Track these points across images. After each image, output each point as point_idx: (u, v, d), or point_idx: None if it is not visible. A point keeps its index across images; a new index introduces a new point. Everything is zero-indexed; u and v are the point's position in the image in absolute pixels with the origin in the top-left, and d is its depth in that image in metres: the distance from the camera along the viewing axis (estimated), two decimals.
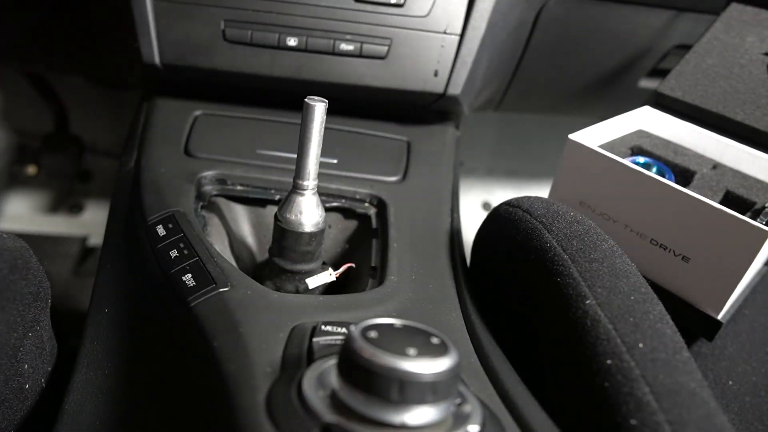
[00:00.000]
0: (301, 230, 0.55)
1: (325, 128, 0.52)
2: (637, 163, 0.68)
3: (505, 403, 0.44)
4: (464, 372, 0.46)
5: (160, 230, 0.58)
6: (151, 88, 0.79)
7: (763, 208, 0.62)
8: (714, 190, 0.65)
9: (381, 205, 0.67)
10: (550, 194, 0.71)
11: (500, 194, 1.65)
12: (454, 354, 0.33)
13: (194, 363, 0.47)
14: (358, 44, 0.72)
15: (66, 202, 1.46)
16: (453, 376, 0.33)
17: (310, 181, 0.54)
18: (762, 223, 0.54)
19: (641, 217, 0.63)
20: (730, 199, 0.65)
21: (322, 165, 0.65)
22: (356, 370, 0.32)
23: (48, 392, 0.53)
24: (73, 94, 1.34)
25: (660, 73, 1.03)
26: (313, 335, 0.44)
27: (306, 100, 0.51)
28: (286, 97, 0.76)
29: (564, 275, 0.50)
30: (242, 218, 0.69)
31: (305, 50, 0.72)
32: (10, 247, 0.50)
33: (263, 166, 0.70)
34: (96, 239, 1.37)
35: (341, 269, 0.59)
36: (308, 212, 0.55)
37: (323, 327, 0.44)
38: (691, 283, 0.61)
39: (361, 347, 0.32)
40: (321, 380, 0.37)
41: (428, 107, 0.79)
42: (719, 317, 0.60)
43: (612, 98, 1.11)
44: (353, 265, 0.61)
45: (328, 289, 0.62)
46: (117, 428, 0.47)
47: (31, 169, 1.45)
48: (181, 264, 0.54)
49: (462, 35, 0.73)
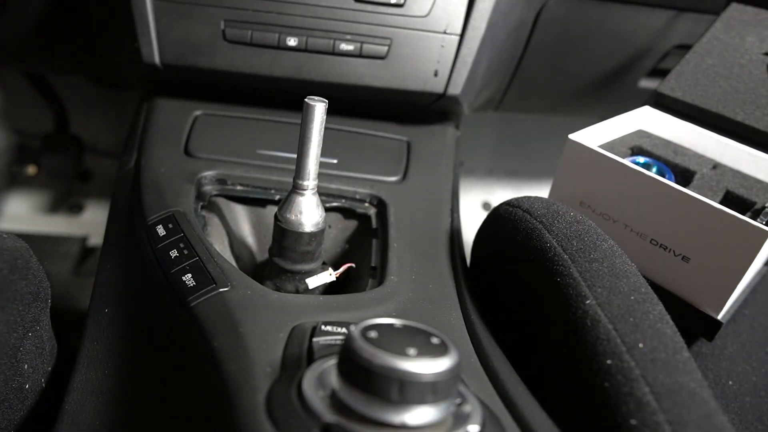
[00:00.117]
0: (301, 230, 0.55)
1: (325, 128, 0.52)
2: (637, 163, 0.68)
3: (505, 403, 0.44)
4: (464, 372, 0.46)
5: (160, 230, 0.58)
6: (151, 88, 0.79)
7: (763, 208, 0.62)
8: (714, 190, 0.65)
9: (381, 205, 0.67)
10: (550, 194, 0.71)
11: (500, 194, 1.65)
12: (454, 354, 0.33)
13: (194, 363, 0.47)
14: (358, 44, 0.72)
15: (66, 202, 1.45)
16: (453, 376, 0.33)
17: (310, 181, 0.54)
18: (762, 223, 0.54)
19: (641, 217, 0.63)
20: (730, 199, 0.65)
21: (322, 165, 0.65)
22: (356, 370, 0.32)
23: (48, 392, 0.53)
24: (73, 94, 1.34)
25: (660, 73, 1.03)
26: (313, 335, 0.44)
27: (306, 100, 0.51)
28: (286, 97, 0.76)
29: (564, 275, 0.50)
30: (242, 218, 0.69)
31: (305, 50, 0.72)
32: (10, 247, 0.50)
33: (263, 166, 0.69)
34: (96, 239, 1.37)
35: (341, 269, 0.59)
36: (308, 212, 0.55)
37: (323, 327, 0.44)
38: (691, 283, 0.61)
39: (361, 347, 0.32)
40: (321, 380, 0.37)
41: (428, 107, 0.79)
42: (719, 317, 0.60)
43: (612, 98, 1.11)
44: (353, 265, 0.61)
45: (328, 289, 0.62)
46: (117, 428, 0.47)
47: (31, 169, 1.45)
48: (181, 264, 0.54)
49: (462, 35, 0.73)
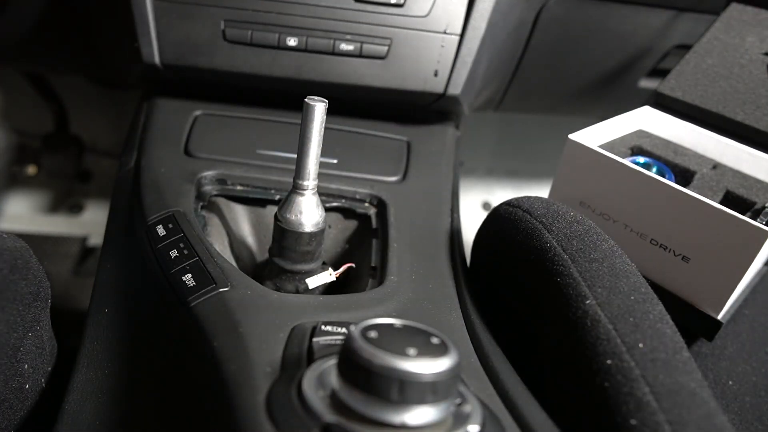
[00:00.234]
0: (301, 230, 0.55)
1: (325, 128, 0.52)
2: (637, 163, 0.68)
3: (505, 403, 0.44)
4: (464, 372, 0.46)
5: (160, 230, 0.58)
6: (151, 88, 0.79)
7: (763, 208, 0.62)
8: (714, 190, 0.65)
9: (381, 205, 0.67)
10: (550, 194, 0.71)
11: (500, 194, 1.65)
12: (454, 354, 0.33)
13: (194, 363, 0.47)
14: (358, 44, 0.72)
15: (66, 202, 1.45)
16: (453, 376, 0.33)
17: (310, 181, 0.54)
18: (762, 223, 0.54)
19: (641, 217, 0.63)
20: (730, 199, 0.65)
21: (322, 165, 0.65)
22: (356, 370, 0.32)
23: (48, 392, 0.53)
24: (73, 94, 1.34)
25: (660, 73, 1.03)
26: (313, 335, 0.44)
27: (306, 100, 0.51)
28: (286, 97, 0.76)
29: (564, 275, 0.50)
30: (242, 218, 0.69)
31: (305, 50, 0.72)
32: (10, 247, 0.50)
33: (263, 166, 0.69)
34: (96, 239, 1.37)
35: (341, 269, 0.59)
36: (308, 212, 0.55)
37: (323, 327, 0.44)
38: (691, 283, 0.61)
39: (361, 347, 0.32)
40: (321, 380, 0.37)
41: (428, 107, 0.79)
42: (719, 317, 0.60)
43: (612, 98, 1.11)
44: (353, 265, 0.61)
45: (328, 289, 0.62)
46: (117, 428, 0.47)
47: (31, 169, 1.45)
48: (181, 264, 0.54)
49: (462, 35, 0.73)
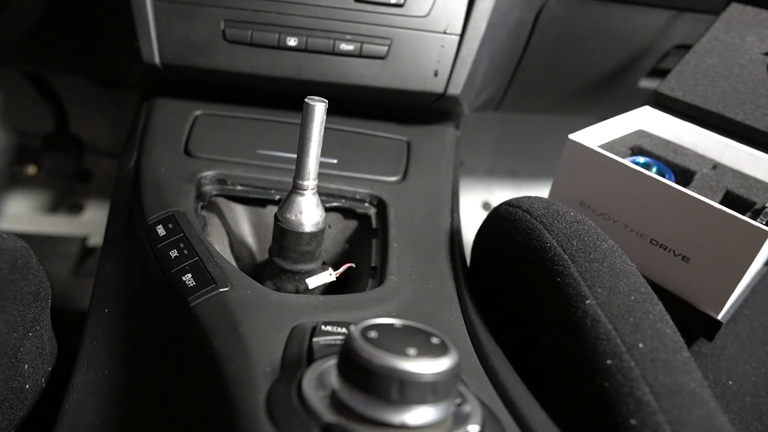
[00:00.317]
0: (301, 230, 0.55)
1: (325, 128, 0.52)
2: (637, 163, 0.68)
3: (505, 403, 0.44)
4: (464, 372, 0.46)
5: (160, 230, 0.58)
6: (151, 88, 0.79)
7: (763, 208, 0.62)
8: (714, 190, 0.65)
9: (381, 205, 0.67)
10: (550, 194, 0.71)
11: (500, 194, 1.65)
12: (454, 354, 0.33)
13: (194, 363, 0.47)
14: (358, 44, 0.72)
15: (66, 202, 1.45)
16: (453, 376, 0.33)
17: (310, 181, 0.54)
18: (762, 223, 0.54)
19: (641, 217, 0.63)
20: (730, 199, 0.65)
21: (322, 165, 0.65)
22: (356, 370, 0.32)
23: (48, 392, 0.53)
24: (73, 94, 1.34)
25: (660, 73, 1.03)
26: (313, 335, 0.44)
27: (306, 100, 0.51)
28: (286, 97, 0.76)
29: (564, 275, 0.50)
30: (242, 218, 0.69)
31: (305, 50, 0.72)
32: (10, 247, 0.50)
33: (263, 166, 0.69)
34: (96, 239, 1.37)
35: (341, 269, 0.59)
36: (308, 212, 0.55)
37: (323, 327, 0.44)
38: (691, 283, 0.61)
39: (361, 347, 0.32)
40: (321, 380, 0.37)
41: (428, 107, 0.79)
42: (719, 317, 0.60)
43: (612, 98, 1.11)
44: (353, 265, 0.61)
45: (328, 289, 0.62)
46: (117, 428, 0.47)
47: (31, 169, 1.45)
48: (181, 264, 0.54)
49: (462, 35, 0.73)
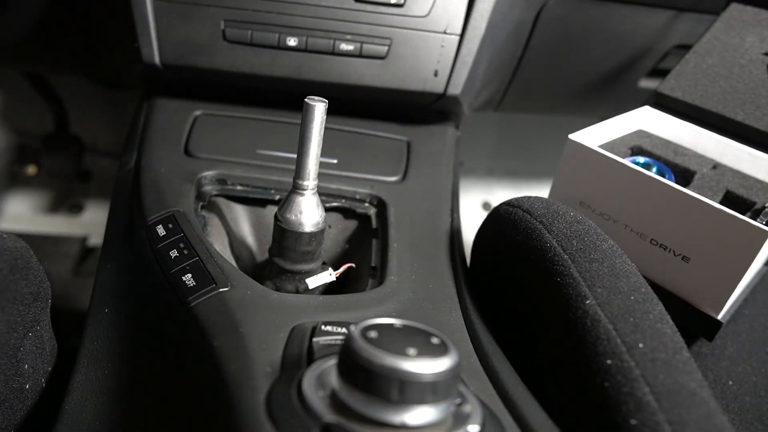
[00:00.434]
0: (301, 230, 0.55)
1: (325, 128, 0.52)
2: (637, 163, 0.68)
3: (505, 403, 0.44)
4: (464, 372, 0.46)
5: (160, 230, 0.58)
6: (151, 88, 0.79)
7: (763, 208, 0.62)
8: (714, 190, 0.65)
9: (381, 205, 0.67)
10: (550, 194, 0.71)
11: (500, 194, 1.65)
12: (454, 354, 0.33)
13: (194, 363, 0.47)
14: (358, 44, 0.72)
15: (66, 202, 1.45)
16: (453, 376, 0.33)
17: (310, 181, 0.54)
18: (762, 223, 0.54)
19: (641, 217, 0.63)
20: (730, 199, 0.65)
21: (322, 165, 0.65)
22: (356, 370, 0.32)
23: (48, 392, 0.53)
24: (73, 94, 1.34)
25: (660, 73, 1.03)
26: (313, 335, 0.44)
27: (306, 100, 0.51)
28: (286, 97, 0.76)
29: (564, 275, 0.50)
30: (242, 218, 0.69)
31: (305, 50, 0.72)
32: (10, 247, 0.50)
33: (263, 166, 0.69)
34: (96, 239, 1.37)
35: (341, 269, 0.59)
36: (308, 212, 0.55)
37: (323, 327, 0.44)
38: (691, 283, 0.61)
39: (361, 347, 0.32)
40: (321, 380, 0.37)
41: (428, 107, 0.79)
42: (719, 317, 0.60)
43: (612, 98, 1.11)
44: (353, 265, 0.61)
45: (328, 289, 0.62)
46: (117, 428, 0.47)
47: (31, 169, 1.45)
48: (181, 264, 0.54)
49: (462, 35, 0.73)
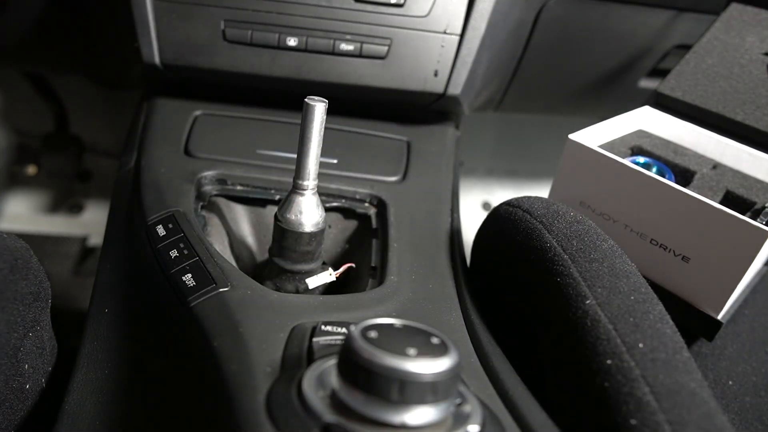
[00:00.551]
0: (301, 230, 0.55)
1: (325, 128, 0.52)
2: (637, 163, 0.68)
3: (505, 403, 0.44)
4: (464, 372, 0.46)
5: (160, 230, 0.58)
6: (151, 88, 0.79)
7: (763, 208, 0.62)
8: (714, 190, 0.65)
9: (381, 205, 0.67)
10: (550, 194, 0.71)
11: (500, 194, 1.65)
12: (454, 354, 0.33)
13: (194, 363, 0.47)
14: (358, 44, 0.72)
15: (66, 202, 1.46)
16: (453, 376, 0.33)
17: (310, 181, 0.54)
18: (762, 223, 0.54)
19: (641, 217, 0.63)
20: (730, 199, 0.65)
21: (322, 165, 0.65)
22: (356, 370, 0.32)
23: (48, 392, 0.53)
24: (73, 94, 1.34)
25: (660, 73, 1.03)
26: (313, 335, 0.44)
27: (306, 100, 0.51)
28: (286, 97, 0.76)
29: (564, 275, 0.50)
30: (242, 218, 0.69)
31: (305, 50, 0.72)
32: (10, 247, 0.50)
33: (263, 166, 0.69)
34: (96, 239, 1.37)
35: (341, 269, 0.59)
36: (308, 212, 0.55)
37: (323, 327, 0.44)
38: (691, 283, 0.61)
39: (361, 347, 0.32)
40: (321, 380, 0.37)
41: (428, 107, 0.79)
42: (719, 317, 0.60)
43: (612, 98, 1.11)
44: (353, 265, 0.61)
45: (328, 289, 0.62)
46: (117, 428, 0.47)
47: (31, 169, 1.45)
48: (181, 264, 0.54)
49: (462, 35, 0.73)
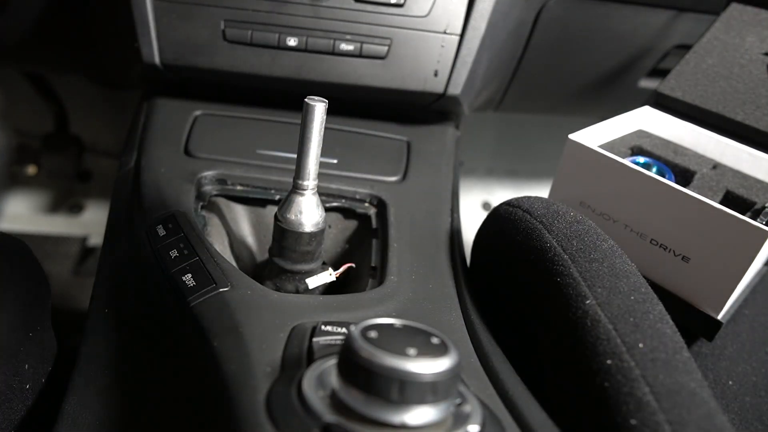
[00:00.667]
0: (301, 230, 0.55)
1: (325, 128, 0.52)
2: (637, 163, 0.68)
3: (505, 403, 0.44)
4: (464, 372, 0.46)
5: (160, 230, 0.58)
6: (151, 88, 0.79)
7: (763, 208, 0.62)
8: (714, 190, 0.65)
9: (381, 205, 0.67)
10: (550, 194, 0.71)
11: (500, 194, 1.65)
12: (454, 354, 0.33)
13: (194, 363, 0.47)
14: (358, 44, 0.72)
15: (66, 202, 1.46)
16: (453, 376, 0.33)
17: (310, 181, 0.54)
18: (762, 223, 0.54)
19: (641, 217, 0.63)
20: (730, 199, 0.65)
21: (322, 165, 0.65)
22: (356, 370, 0.32)
23: (48, 392, 0.53)
24: (73, 94, 1.34)
25: (660, 73, 1.03)
26: (313, 335, 0.44)
27: (306, 100, 0.51)
28: (286, 97, 0.76)
29: (564, 275, 0.50)
30: (242, 218, 0.69)
31: (305, 50, 0.72)
32: (11, 248, 0.50)
33: (263, 166, 0.70)
34: (96, 239, 1.37)
35: (341, 269, 0.59)
36: (308, 212, 0.55)
37: (323, 327, 0.44)
38: (691, 283, 0.61)
39: (361, 347, 0.32)
40: (321, 380, 0.37)
41: (428, 107, 0.79)
42: (719, 317, 0.60)
43: (612, 98, 1.11)
44: (353, 265, 0.61)
45: (328, 289, 0.62)
46: (117, 428, 0.47)
47: (31, 169, 1.45)
48: (181, 264, 0.54)
49: (462, 35, 0.73)
